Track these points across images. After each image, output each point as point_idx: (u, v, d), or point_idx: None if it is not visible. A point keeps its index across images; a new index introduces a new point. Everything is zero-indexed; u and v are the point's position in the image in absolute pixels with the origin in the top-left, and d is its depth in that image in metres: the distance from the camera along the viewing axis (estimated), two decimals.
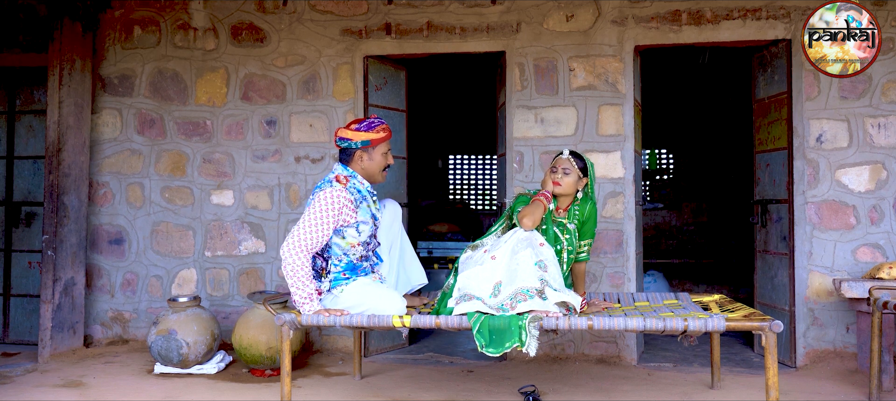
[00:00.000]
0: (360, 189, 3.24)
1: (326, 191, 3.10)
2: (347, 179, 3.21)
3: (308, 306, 3.05)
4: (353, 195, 3.18)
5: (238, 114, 4.72)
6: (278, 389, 3.65)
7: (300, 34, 4.65)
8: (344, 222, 3.13)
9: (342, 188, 3.13)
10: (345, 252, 3.19)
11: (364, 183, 3.28)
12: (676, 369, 4.17)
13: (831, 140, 4.16)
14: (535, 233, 3.17)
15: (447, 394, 3.66)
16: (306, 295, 3.05)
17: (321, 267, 3.22)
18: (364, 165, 3.27)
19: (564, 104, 4.40)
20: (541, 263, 3.01)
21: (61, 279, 4.45)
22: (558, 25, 4.41)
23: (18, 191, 4.98)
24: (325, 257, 3.21)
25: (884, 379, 3.60)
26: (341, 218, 3.11)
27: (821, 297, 4.15)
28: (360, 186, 3.26)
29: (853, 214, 4.15)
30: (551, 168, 3.35)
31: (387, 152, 3.31)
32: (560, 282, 3.07)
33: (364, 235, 3.20)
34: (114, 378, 3.99)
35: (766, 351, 2.81)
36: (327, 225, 3.07)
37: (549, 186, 3.32)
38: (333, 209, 3.07)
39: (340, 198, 3.10)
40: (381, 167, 3.30)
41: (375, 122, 3.30)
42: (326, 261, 3.21)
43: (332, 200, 3.08)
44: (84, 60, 4.61)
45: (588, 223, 3.42)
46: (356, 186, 3.23)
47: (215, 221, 4.74)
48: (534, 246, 3.07)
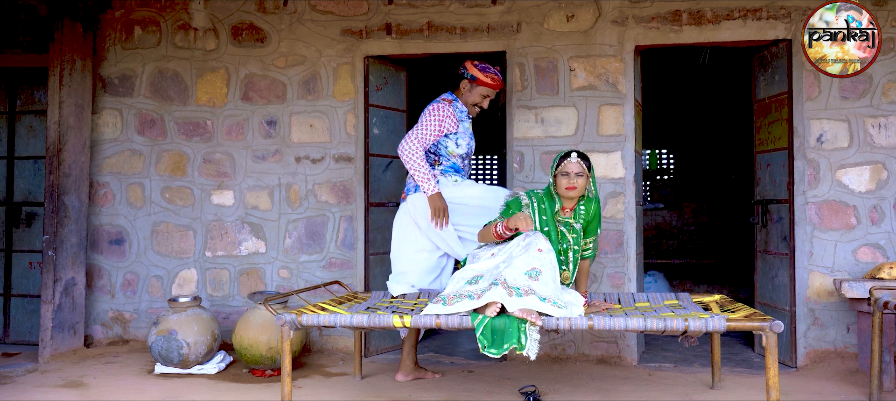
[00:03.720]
0: (463, 110, 3.93)
1: (434, 106, 3.85)
2: (450, 102, 3.89)
3: (428, 185, 3.70)
4: (457, 112, 3.88)
5: (238, 114, 4.72)
6: (279, 389, 3.65)
7: (300, 34, 4.65)
8: (449, 130, 3.84)
9: (447, 105, 3.85)
10: (448, 156, 3.89)
11: (464, 109, 3.94)
12: (677, 370, 4.17)
13: (832, 140, 4.16)
14: (536, 237, 3.16)
15: (447, 394, 3.66)
16: (425, 176, 3.70)
17: (433, 161, 3.92)
18: (463, 95, 3.93)
19: (565, 104, 4.39)
20: (532, 272, 2.98)
21: (62, 279, 4.45)
22: (559, 25, 4.41)
23: (19, 191, 4.98)
24: (437, 155, 3.90)
25: (884, 379, 3.60)
26: (445, 126, 3.81)
27: (821, 297, 4.15)
28: (463, 109, 3.93)
29: (854, 215, 4.14)
30: (561, 172, 3.32)
31: (486, 96, 3.92)
32: (553, 290, 3.00)
33: (461, 149, 3.89)
34: (114, 378, 3.99)
35: (766, 351, 2.81)
36: (435, 127, 3.79)
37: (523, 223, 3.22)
38: (439, 118, 3.80)
39: (445, 111, 3.82)
40: (474, 102, 3.93)
41: (489, 68, 3.90)
42: (438, 157, 3.91)
43: (438, 112, 3.81)
44: (84, 60, 4.61)
45: (593, 222, 3.46)
46: (459, 107, 3.91)
47: (216, 222, 4.74)
48: (531, 252, 3.05)
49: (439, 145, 3.88)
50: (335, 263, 4.61)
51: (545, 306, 2.92)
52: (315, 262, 4.63)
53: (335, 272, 4.57)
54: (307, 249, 4.65)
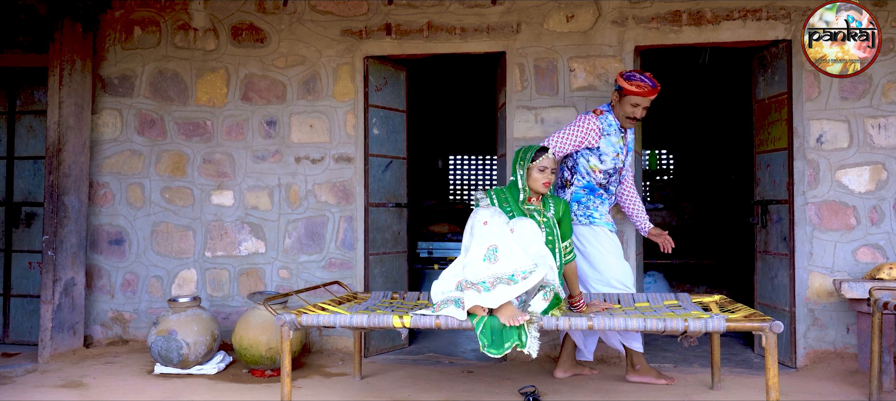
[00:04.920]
0: (611, 123, 3.78)
1: (581, 117, 3.78)
2: (602, 112, 3.79)
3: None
4: (603, 126, 3.75)
5: (238, 114, 4.72)
6: (278, 389, 3.65)
7: (300, 35, 4.65)
8: (591, 144, 3.73)
9: (594, 118, 3.75)
10: (588, 172, 3.79)
11: (616, 120, 3.80)
12: (677, 370, 4.17)
13: (831, 141, 4.16)
14: (477, 213, 3.07)
15: (447, 394, 3.66)
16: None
17: (566, 179, 3.86)
18: (615, 108, 3.81)
19: (565, 105, 4.39)
20: (489, 253, 2.90)
21: (61, 280, 4.45)
22: (558, 26, 4.41)
23: (18, 191, 4.98)
24: (572, 171, 3.82)
25: (884, 380, 3.59)
26: (586, 141, 3.72)
27: (821, 297, 4.15)
28: (613, 122, 3.79)
29: (853, 215, 4.14)
30: (538, 167, 3.36)
31: (636, 105, 3.73)
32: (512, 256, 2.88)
33: (606, 165, 3.77)
34: (114, 379, 3.99)
35: (766, 352, 2.81)
36: (571, 140, 3.73)
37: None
38: (579, 132, 3.72)
39: (589, 125, 3.73)
40: (627, 114, 3.76)
41: (635, 75, 3.74)
42: (572, 174, 3.83)
43: (580, 125, 3.74)
44: (84, 61, 4.61)
45: (564, 221, 3.45)
46: (609, 120, 3.78)
47: (215, 222, 4.74)
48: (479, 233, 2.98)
49: (577, 161, 3.80)
50: (335, 264, 4.61)
51: (516, 287, 2.85)
52: (315, 262, 4.63)
53: (335, 272, 4.57)
54: (307, 250, 4.65)
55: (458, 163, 8.57)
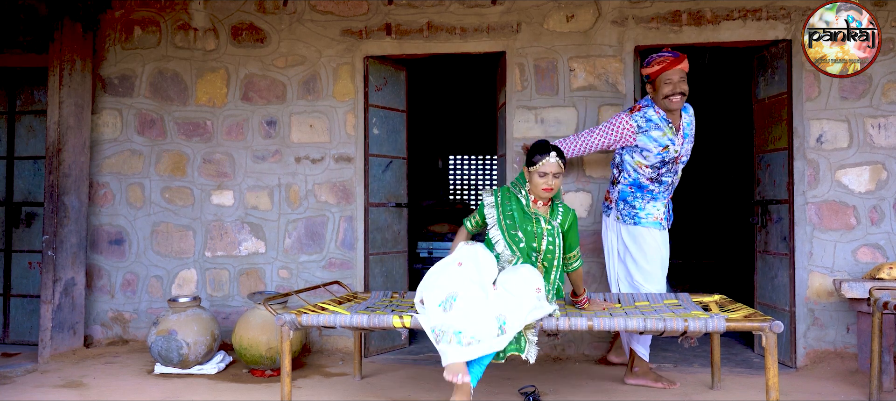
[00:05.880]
0: (651, 118, 3.59)
1: (617, 116, 3.66)
2: (641, 107, 3.62)
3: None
4: (639, 123, 3.59)
5: (238, 114, 4.72)
6: (278, 389, 3.65)
7: (300, 34, 4.65)
8: (625, 144, 3.62)
9: (627, 117, 3.61)
10: (634, 169, 3.65)
11: (658, 112, 3.60)
12: (677, 370, 4.17)
13: (831, 140, 4.16)
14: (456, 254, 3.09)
15: (447, 394, 3.64)
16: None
17: (614, 177, 3.75)
18: (653, 95, 3.63)
19: (565, 104, 4.40)
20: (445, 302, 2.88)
21: (61, 280, 4.45)
22: (558, 26, 4.41)
23: (18, 191, 4.98)
24: (619, 169, 3.70)
25: (884, 380, 3.60)
26: (621, 141, 3.62)
27: (821, 297, 4.15)
28: (654, 115, 3.60)
29: (853, 215, 4.14)
30: (539, 172, 3.18)
31: (671, 80, 3.54)
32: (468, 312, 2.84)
33: (650, 160, 3.60)
34: (114, 379, 3.99)
35: (766, 351, 2.81)
36: (598, 141, 3.67)
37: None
38: (611, 133, 3.64)
39: (621, 124, 3.62)
40: (664, 95, 3.57)
41: (654, 56, 3.61)
42: (619, 172, 3.70)
43: (613, 125, 3.65)
44: (84, 61, 4.61)
45: (571, 231, 3.30)
46: (648, 115, 3.59)
47: (215, 222, 4.74)
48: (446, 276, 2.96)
49: (623, 158, 3.70)
50: (335, 264, 4.61)
51: (463, 350, 2.77)
52: (315, 262, 4.64)
53: (335, 272, 4.57)
54: (307, 250, 4.65)
55: (457, 163, 8.58)
